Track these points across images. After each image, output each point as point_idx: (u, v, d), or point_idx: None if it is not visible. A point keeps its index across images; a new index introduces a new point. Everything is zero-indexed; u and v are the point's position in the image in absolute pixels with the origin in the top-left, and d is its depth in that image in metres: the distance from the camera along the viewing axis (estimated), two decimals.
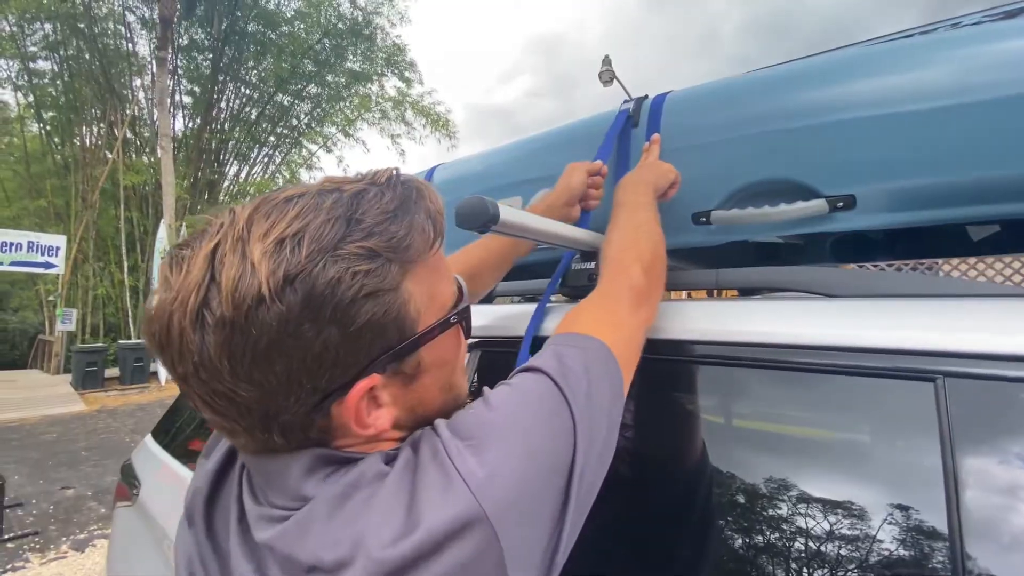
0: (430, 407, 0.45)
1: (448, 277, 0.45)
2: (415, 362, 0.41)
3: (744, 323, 0.66)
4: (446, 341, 0.44)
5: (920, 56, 0.82)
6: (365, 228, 0.37)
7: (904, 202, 0.80)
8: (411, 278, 0.39)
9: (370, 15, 10.12)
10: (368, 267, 0.36)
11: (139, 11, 9.42)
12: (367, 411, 0.40)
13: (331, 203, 0.37)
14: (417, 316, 0.40)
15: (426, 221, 0.41)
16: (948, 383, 0.49)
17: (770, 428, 0.65)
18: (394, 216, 0.39)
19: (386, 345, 0.39)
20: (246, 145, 11.06)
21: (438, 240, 0.42)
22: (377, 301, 0.37)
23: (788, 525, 0.56)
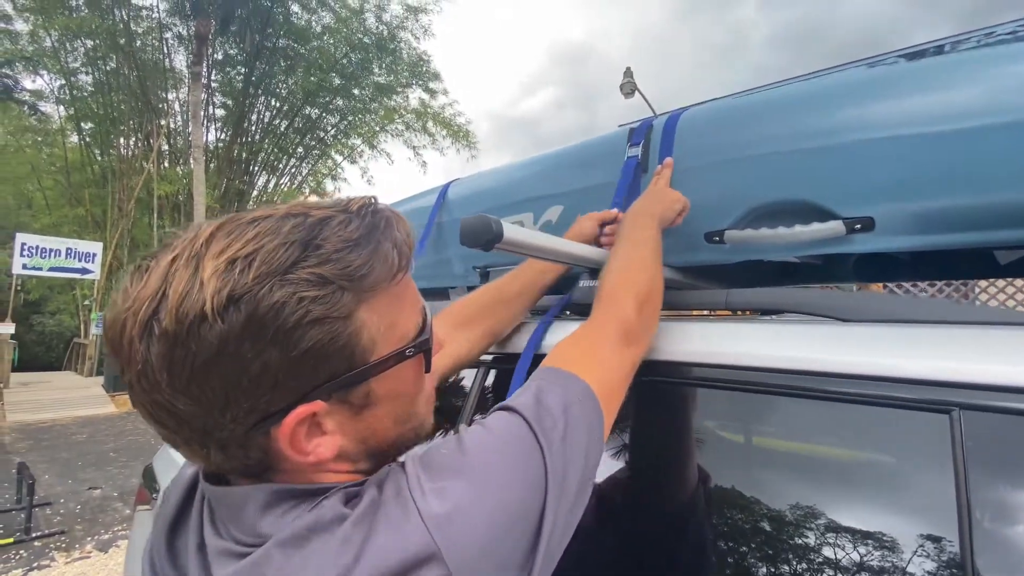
0: (383, 439, 0.44)
1: (413, 307, 0.44)
2: (364, 392, 0.41)
3: (753, 346, 0.64)
4: (402, 373, 0.43)
5: (943, 76, 0.80)
6: (322, 254, 0.37)
7: (925, 225, 0.78)
8: (368, 307, 0.39)
9: (395, 29, 10.34)
10: (316, 293, 0.36)
11: (176, 28, 9.81)
12: (307, 437, 0.39)
13: (291, 227, 0.38)
14: (370, 346, 0.40)
15: (391, 251, 0.41)
16: (964, 415, 0.47)
17: (778, 456, 0.63)
18: (355, 244, 0.39)
19: (332, 372, 0.38)
20: (274, 156, 11.35)
21: (402, 271, 0.42)
22: (323, 328, 0.37)
23: (796, 555, 0.54)
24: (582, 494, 0.44)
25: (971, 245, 0.78)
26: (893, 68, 0.87)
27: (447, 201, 1.40)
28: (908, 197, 0.77)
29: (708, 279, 1.11)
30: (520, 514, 0.38)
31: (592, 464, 0.46)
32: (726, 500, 0.61)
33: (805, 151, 0.83)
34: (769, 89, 1.05)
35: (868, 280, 1.33)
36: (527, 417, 0.43)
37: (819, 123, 0.83)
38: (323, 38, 10.49)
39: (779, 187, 0.86)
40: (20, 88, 10.63)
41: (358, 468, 0.44)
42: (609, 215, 0.92)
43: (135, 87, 9.72)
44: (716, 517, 0.62)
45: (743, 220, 0.90)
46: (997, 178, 0.71)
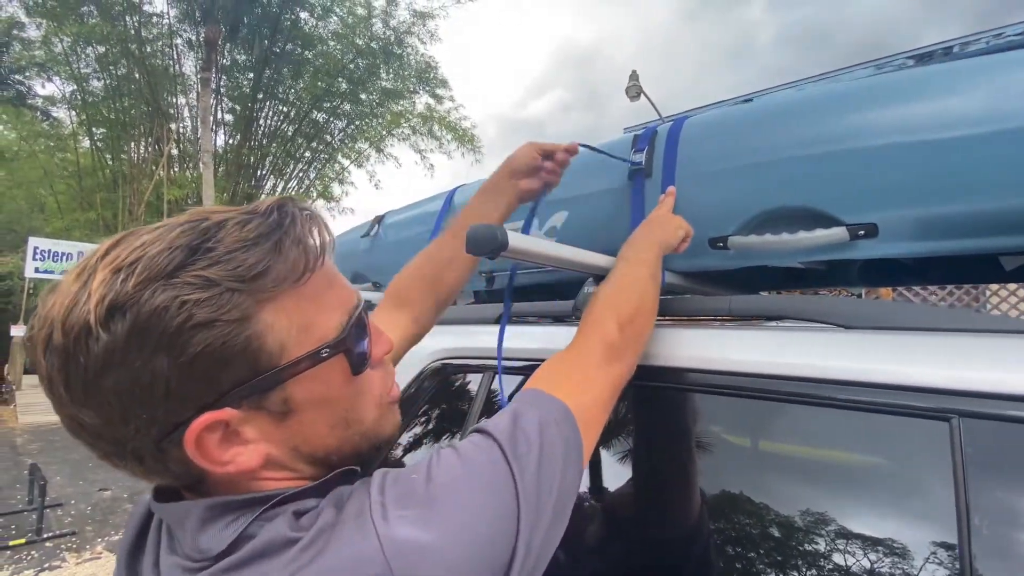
0: (319, 446, 0.42)
1: (335, 307, 0.42)
2: (280, 398, 0.39)
3: (754, 352, 0.65)
4: (326, 376, 0.41)
5: (946, 82, 0.80)
6: (212, 256, 0.36)
7: (929, 231, 0.78)
8: (271, 309, 0.38)
9: (402, 35, 10.41)
10: (200, 296, 0.35)
11: (186, 34, 9.93)
12: (221, 446, 0.38)
13: (179, 232, 0.37)
14: (279, 349, 0.38)
15: (293, 249, 0.39)
16: (963, 423, 0.48)
17: (778, 462, 0.64)
18: (252, 244, 0.37)
19: (236, 378, 0.37)
20: (282, 160, 11.43)
21: (308, 270, 0.40)
22: (212, 332, 0.35)
23: (796, 562, 0.54)
24: (559, 518, 0.43)
25: (974, 251, 0.78)
26: (896, 75, 0.87)
27: (453, 206, 1.42)
28: (911, 203, 0.78)
29: (712, 284, 1.11)
30: (489, 545, 0.37)
31: (570, 487, 0.45)
32: (726, 506, 0.62)
33: (809, 157, 0.83)
34: (774, 93, 1.05)
35: (873, 284, 1.33)
36: (501, 442, 0.42)
37: (822, 129, 0.83)
38: (331, 43, 10.57)
39: (783, 193, 0.86)
40: (33, 94, 10.79)
41: (301, 474, 0.42)
42: (551, 147, 0.86)
43: (146, 92, 9.83)
44: (716, 522, 0.63)
45: (747, 226, 0.90)
46: (1000, 185, 0.71)
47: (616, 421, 0.79)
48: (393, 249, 1.63)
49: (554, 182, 0.88)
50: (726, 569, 0.60)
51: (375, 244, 1.70)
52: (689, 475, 0.66)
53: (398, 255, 1.59)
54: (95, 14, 8.99)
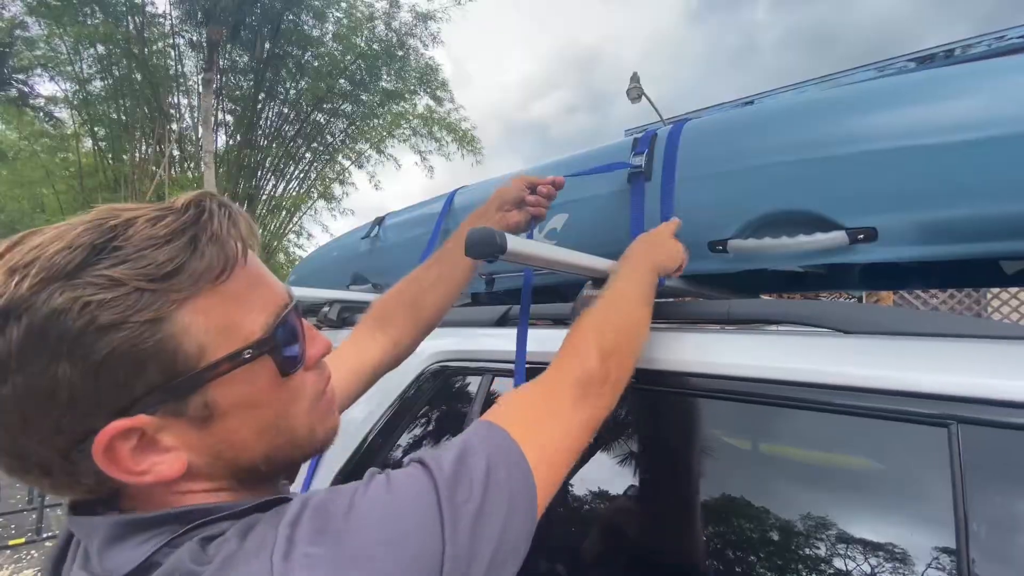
0: (246, 454, 0.40)
1: (260, 307, 0.40)
2: (200, 403, 0.37)
3: (752, 357, 0.65)
4: (251, 379, 0.38)
5: (946, 87, 0.80)
6: (117, 256, 0.34)
7: (928, 235, 0.78)
8: (188, 309, 0.35)
9: (404, 36, 10.42)
10: (104, 296, 0.33)
11: (188, 35, 9.94)
12: (135, 456, 0.35)
13: (82, 231, 0.35)
14: (198, 351, 0.36)
15: (210, 245, 0.37)
16: (962, 429, 0.48)
17: (775, 467, 0.64)
18: (163, 242, 0.35)
19: (150, 383, 0.35)
20: (283, 161, 11.45)
21: (227, 268, 0.37)
22: (119, 334, 0.33)
23: (794, 566, 0.54)
24: (501, 569, 0.39)
25: (973, 256, 0.78)
26: (897, 79, 0.87)
27: (453, 208, 1.42)
28: (911, 208, 0.78)
29: (711, 287, 1.11)
30: None
31: (516, 538, 0.41)
32: (724, 510, 0.62)
33: (808, 161, 0.83)
34: (775, 95, 1.05)
35: (874, 288, 1.33)
36: (439, 484, 0.38)
37: (822, 134, 0.84)
38: (332, 45, 10.59)
39: (782, 197, 0.86)
40: (35, 94, 10.80)
41: (223, 486, 0.40)
42: (542, 180, 0.87)
43: (148, 93, 9.85)
44: (714, 527, 0.63)
45: (746, 230, 0.90)
46: (1000, 189, 0.71)
47: (615, 425, 0.78)
48: (393, 251, 1.63)
49: (540, 215, 0.88)
50: (719, 570, 0.60)
51: (375, 246, 1.70)
52: (688, 480, 0.66)
53: (398, 257, 1.59)
54: (97, 14, 9.01)
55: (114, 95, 9.99)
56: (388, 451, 1.07)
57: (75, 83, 9.87)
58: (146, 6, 9.34)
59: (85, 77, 9.79)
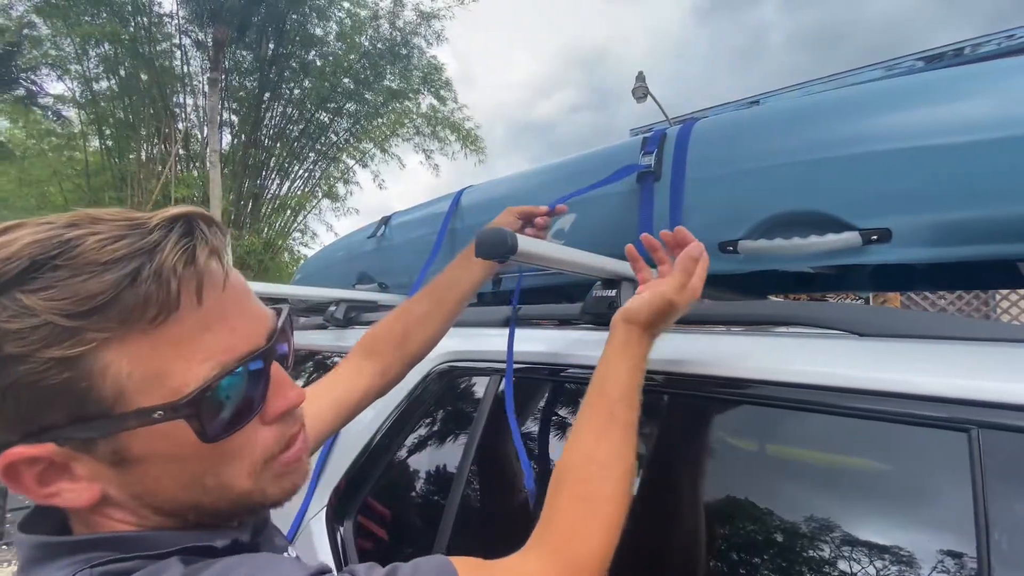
0: (167, 500, 0.37)
1: (204, 358, 0.35)
2: (110, 448, 0.34)
3: (766, 360, 0.64)
4: (171, 435, 0.35)
5: (960, 86, 0.79)
6: (51, 278, 0.31)
7: (943, 236, 0.77)
8: (114, 349, 0.32)
9: (408, 35, 10.43)
10: (11, 326, 0.30)
11: (194, 35, 9.98)
12: (41, 480, 0.34)
13: (31, 241, 0.32)
14: (114, 396, 0.33)
15: (150, 282, 0.32)
16: (983, 434, 0.47)
17: (790, 472, 0.63)
18: (100, 271, 0.32)
19: (54, 419, 0.33)
20: (287, 160, 11.48)
21: (165, 309, 0.33)
22: (22, 367, 0.31)
23: (810, 574, 0.54)
24: None
25: (989, 257, 0.77)
26: (911, 78, 0.86)
27: (460, 208, 1.41)
28: (926, 208, 0.77)
29: (720, 288, 1.10)
30: None
31: None
32: (737, 515, 0.61)
33: (821, 161, 0.82)
34: (782, 95, 1.04)
35: (884, 289, 1.31)
36: None
37: (836, 133, 0.83)
38: (336, 44, 10.61)
39: (794, 198, 0.85)
40: (43, 93, 10.86)
41: (157, 515, 0.38)
42: (538, 210, 0.86)
43: (154, 93, 9.90)
44: (728, 530, 0.62)
45: (757, 230, 0.89)
46: (1016, 189, 0.70)
47: None
48: (399, 250, 1.63)
49: None
50: (734, 573, 0.59)
51: (381, 245, 1.70)
52: (700, 485, 0.66)
53: (404, 256, 1.59)
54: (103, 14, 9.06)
55: (121, 94, 10.05)
56: (395, 452, 1.06)
57: (82, 82, 9.93)
58: (152, 6, 9.37)
59: (92, 76, 9.85)
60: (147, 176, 10.27)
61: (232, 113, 11.13)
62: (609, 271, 0.83)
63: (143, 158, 10.57)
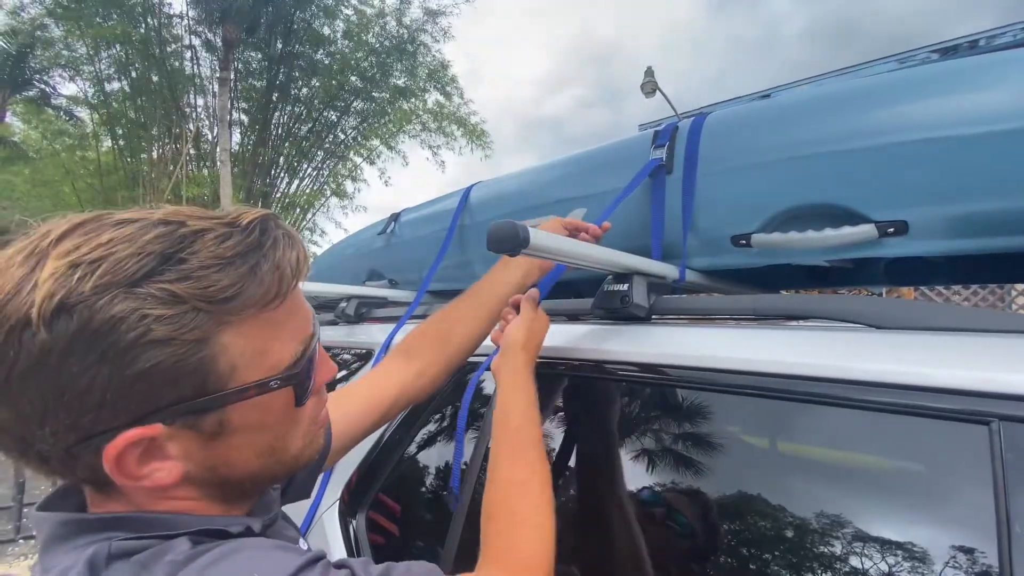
0: (239, 470, 0.41)
1: (294, 336, 0.41)
2: (216, 420, 0.38)
3: (782, 352, 0.63)
4: (267, 404, 0.40)
5: (979, 76, 0.78)
6: (184, 270, 0.34)
7: (961, 228, 0.76)
8: (232, 331, 0.36)
9: (415, 32, 10.43)
10: (163, 312, 0.33)
11: (204, 35, 10.05)
12: (140, 462, 0.36)
13: (154, 236, 0.35)
14: (229, 372, 0.37)
15: (270, 274, 0.37)
16: (1004, 427, 0.46)
17: (806, 466, 0.62)
18: (228, 263, 0.36)
19: (177, 396, 0.35)
20: (296, 159, 11.54)
21: (280, 297, 0.38)
22: (167, 350, 0.34)
23: (826, 570, 0.53)
24: None
25: (1007, 250, 0.76)
26: (927, 68, 0.85)
27: (470, 204, 1.41)
28: (943, 200, 0.75)
29: (733, 283, 1.09)
30: None
31: None
32: (753, 510, 0.61)
33: (836, 153, 0.81)
34: (797, 87, 1.03)
35: (899, 284, 1.30)
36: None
37: (851, 125, 0.81)
38: (343, 42, 10.64)
39: (808, 190, 0.84)
40: (56, 93, 11.00)
41: (203, 496, 0.41)
42: (576, 224, 0.87)
43: (165, 93, 9.98)
44: (743, 525, 0.62)
45: (771, 224, 0.88)
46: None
47: (642, 422, 0.78)
48: (409, 246, 1.63)
49: None
50: (744, 566, 0.59)
51: (391, 242, 1.71)
52: (715, 480, 0.65)
53: (414, 252, 1.59)
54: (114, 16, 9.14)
55: (132, 95, 10.15)
56: (406, 447, 1.07)
57: (94, 83, 10.03)
58: (163, 7, 9.45)
59: (104, 77, 9.95)
60: (159, 175, 10.37)
61: (242, 112, 11.20)
62: (621, 265, 0.82)
63: (155, 157, 10.67)
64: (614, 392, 0.81)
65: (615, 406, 0.81)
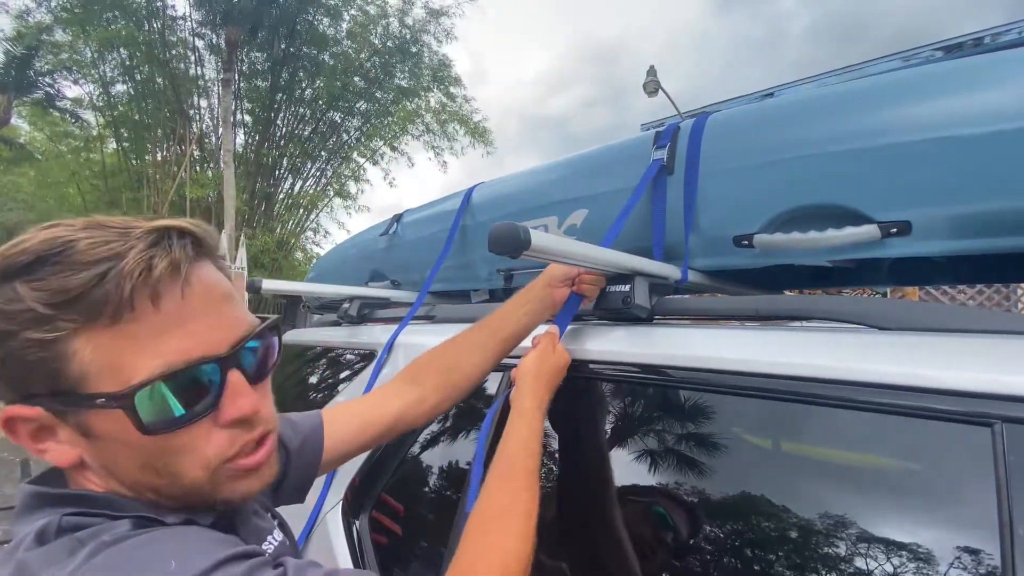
0: (130, 479, 0.42)
1: (158, 357, 0.39)
2: (77, 421, 0.40)
3: (785, 354, 0.63)
4: (121, 421, 0.39)
5: (982, 75, 0.77)
6: (45, 271, 0.37)
7: (965, 228, 0.76)
8: (86, 338, 0.38)
9: (418, 32, 10.45)
10: (4, 308, 0.37)
11: (207, 37, 10.08)
12: (35, 436, 0.41)
13: (41, 239, 0.38)
14: (78, 378, 0.38)
15: (112, 283, 0.37)
16: (1007, 429, 0.46)
17: (809, 467, 0.62)
18: (83, 268, 0.37)
19: (37, 388, 0.39)
20: (300, 160, 11.57)
21: (122, 310, 0.38)
22: (11, 342, 0.37)
23: (828, 571, 0.53)
24: None
25: (1011, 250, 0.75)
26: (930, 67, 0.84)
27: (471, 205, 1.41)
28: (946, 200, 0.75)
29: (734, 283, 1.09)
30: None
31: None
32: (754, 511, 0.61)
33: (838, 154, 0.81)
34: (796, 87, 1.02)
35: (903, 284, 1.29)
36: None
37: (853, 125, 0.81)
38: (346, 43, 10.66)
39: (811, 191, 0.84)
40: (61, 96, 11.06)
41: (127, 489, 0.42)
42: (571, 272, 0.86)
43: (169, 95, 10.03)
44: (745, 526, 0.62)
45: (773, 224, 0.88)
46: None
47: (645, 423, 0.78)
48: (411, 247, 1.64)
49: (591, 295, 0.87)
50: (745, 565, 0.59)
51: (393, 243, 1.71)
52: (717, 481, 0.65)
53: (416, 253, 1.60)
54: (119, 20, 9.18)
55: (137, 97, 10.20)
56: (408, 448, 1.07)
57: (99, 86, 10.09)
58: (166, 10, 9.49)
59: (109, 80, 10.00)
60: (163, 177, 10.42)
61: (245, 113, 11.24)
62: (622, 266, 0.82)
63: (159, 159, 10.72)
64: (616, 393, 0.81)
65: (618, 407, 0.81)
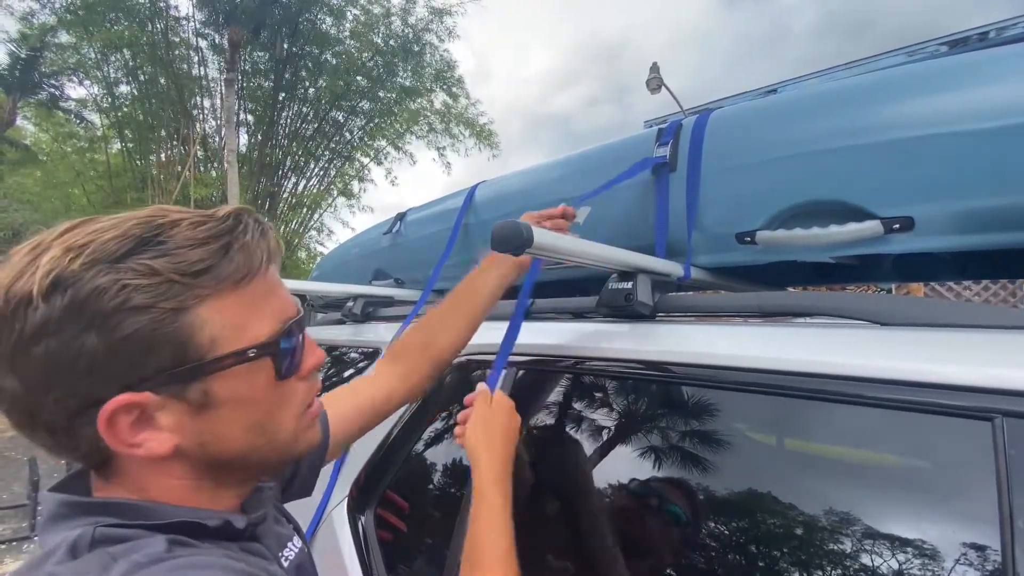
0: (228, 446, 0.44)
1: (273, 315, 0.44)
2: (200, 390, 0.41)
3: (788, 350, 0.63)
4: (250, 376, 0.43)
5: (985, 71, 0.77)
6: (161, 249, 0.39)
7: (967, 224, 0.76)
8: (211, 306, 0.40)
9: (420, 31, 10.43)
10: (140, 282, 0.37)
11: (210, 37, 10.10)
12: (132, 429, 0.40)
13: (134, 224, 0.39)
14: (209, 344, 0.40)
15: (239, 253, 0.41)
16: (1007, 423, 0.46)
17: (812, 463, 0.62)
18: (201, 244, 0.40)
19: (159, 365, 0.39)
20: (303, 160, 11.58)
21: (252, 274, 0.42)
22: (145, 317, 0.37)
23: (832, 565, 0.53)
24: None
25: (1015, 246, 0.75)
26: (933, 63, 0.84)
27: (474, 203, 1.42)
28: (949, 196, 0.75)
29: (737, 280, 1.09)
30: None
31: None
32: (758, 507, 0.61)
33: (841, 150, 0.81)
34: (800, 83, 1.02)
35: (906, 280, 1.29)
36: None
37: (855, 121, 0.81)
38: (349, 42, 10.66)
39: (813, 187, 0.84)
40: (66, 97, 11.11)
41: (194, 477, 0.44)
42: (551, 212, 0.90)
43: (172, 95, 10.05)
44: (749, 523, 0.62)
45: (776, 220, 0.88)
46: None
47: (648, 420, 0.78)
48: (414, 246, 1.64)
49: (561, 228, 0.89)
50: (749, 562, 0.59)
51: (396, 241, 1.72)
52: (718, 478, 0.66)
53: (419, 252, 1.60)
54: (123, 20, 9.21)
55: (140, 98, 10.23)
56: (413, 445, 1.08)
57: (103, 86, 10.12)
58: (169, 11, 9.50)
59: (113, 80, 10.04)
60: (167, 177, 10.45)
61: (248, 113, 11.26)
62: (625, 263, 0.83)
63: (163, 159, 10.76)
64: (619, 391, 0.82)
65: (621, 405, 0.81)
